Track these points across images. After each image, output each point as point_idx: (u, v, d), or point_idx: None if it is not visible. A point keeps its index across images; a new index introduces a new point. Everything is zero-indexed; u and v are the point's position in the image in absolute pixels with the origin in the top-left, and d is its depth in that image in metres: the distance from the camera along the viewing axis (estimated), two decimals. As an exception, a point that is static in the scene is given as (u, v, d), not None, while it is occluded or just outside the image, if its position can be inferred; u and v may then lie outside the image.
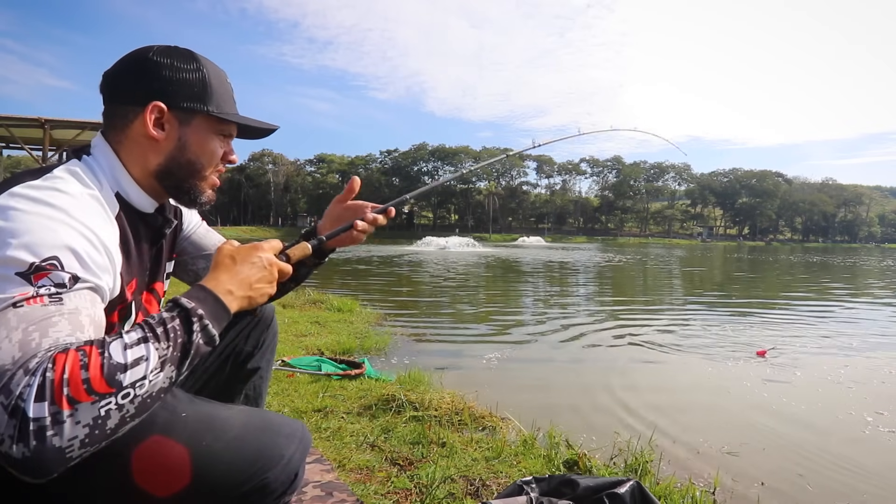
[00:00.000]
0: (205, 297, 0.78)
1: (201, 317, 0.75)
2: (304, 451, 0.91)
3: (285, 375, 3.08)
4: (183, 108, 0.91)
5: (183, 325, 0.73)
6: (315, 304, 6.47)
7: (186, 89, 0.91)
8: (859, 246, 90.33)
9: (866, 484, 2.37)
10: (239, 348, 1.27)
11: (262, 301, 0.87)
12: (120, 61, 0.93)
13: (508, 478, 1.92)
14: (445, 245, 31.93)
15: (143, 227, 0.95)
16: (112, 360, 0.65)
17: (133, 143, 0.91)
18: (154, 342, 0.69)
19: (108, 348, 0.66)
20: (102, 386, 0.64)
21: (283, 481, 0.87)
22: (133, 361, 0.67)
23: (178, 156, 0.92)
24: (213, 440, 0.84)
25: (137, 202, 0.92)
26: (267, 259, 0.87)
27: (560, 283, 12.61)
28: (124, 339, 0.68)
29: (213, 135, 0.96)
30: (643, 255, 30.69)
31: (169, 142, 0.91)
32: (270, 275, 0.87)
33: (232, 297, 0.81)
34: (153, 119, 0.89)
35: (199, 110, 0.92)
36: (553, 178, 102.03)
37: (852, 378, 4.08)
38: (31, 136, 12.39)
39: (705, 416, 3.22)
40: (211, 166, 0.97)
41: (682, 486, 2.04)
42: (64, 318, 0.69)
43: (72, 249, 0.73)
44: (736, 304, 8.92)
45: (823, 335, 5.90)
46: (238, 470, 0.83)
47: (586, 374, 4.14)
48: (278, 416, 0.95)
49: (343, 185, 1.96)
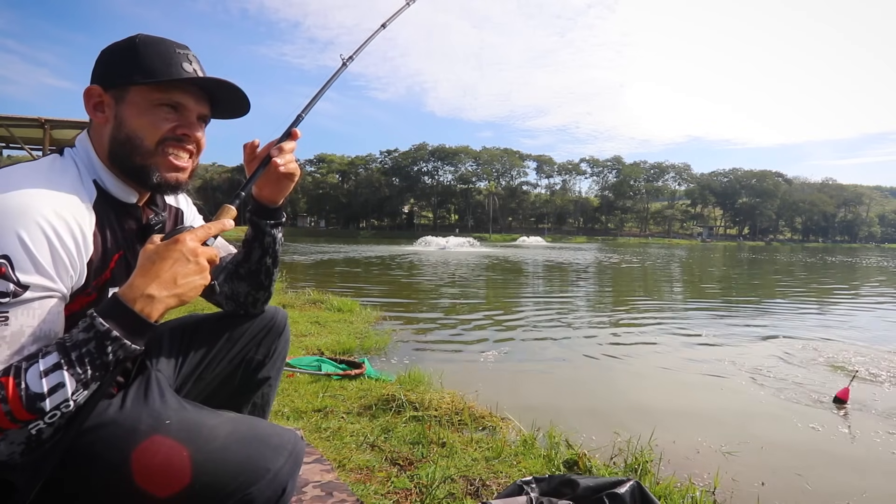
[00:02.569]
0: (121, 311, 0.75)
1: (115, 338, 0.74)
2: (294, 465, 0.87)
3: (285, 375, 3.07)
4: (115, 84, 0.90)
5: (97, 349, 0.73)
6: (315, 304, 6.47)
7: (117, 67, 0.90)
8: (859, 246, 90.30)
9: (866, 483, 2.37)
10: (250, 357, 1.24)
11: (193, 295, 0.82)
12: None
13: (508, 478, 1.92)
14: (445, 245, 31.90)
15: (127, 219, 0.94)
16: (29, 390, 0.69)
17: (94, 132, 0.92)
18: (69, 368, 0.71)
19: (24, 377, 0.69)
20: (24, 415, 0.68)
21: (269, 497, 0.82)
22: (51, 389, 0.70)
23: (117, 134, 0.90)
24: (195, 451, 0.81)
25: (115, 192, 0.92)
26: (189, 250, 0.81)
27: (560, 283, 12.61)
28: (40, 364, 0.70)
29: (153, 106, 0.90)
30: (643, 255, 30.68)
31: (109, 122, 0.91)
32: (197, 265, 0.81)
33: (153, 301, 0.77)
34: (93, 103, 0.90)
35: (129, 82, 0.89)
36: (553, 178, 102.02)
37: (859, 377, 4.07)
38: (31, 136, 12.37)
39: (705, 416, 3.22)
40: (153, 140, 0.91)
41: (682, 486, 2.04)
42: (4, 343, 0.71)
43: (25, 248, 0.73)
44: (736, 304, 8.91)
45: (823, 334, 5.89)
46: (220, 483, 0.80)
47: (586, 373, 4.14)
48: (269, 426, 0.91)
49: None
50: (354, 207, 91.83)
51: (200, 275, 0.82)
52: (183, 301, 0.81)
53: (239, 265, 1.16)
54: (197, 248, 0.82)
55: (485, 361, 4.35)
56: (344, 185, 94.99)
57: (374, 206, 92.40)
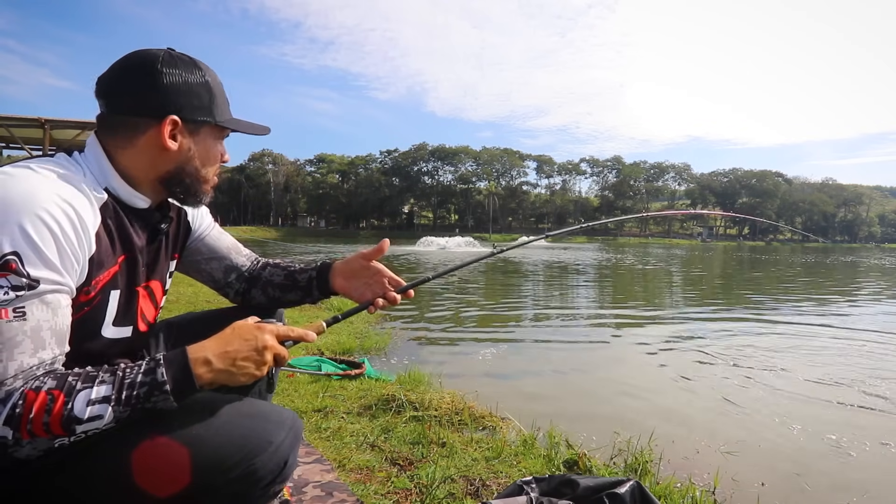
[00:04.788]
0: (180, 367, 0.79)
1: (167, 392, 0.77)
2: (294, 439, 0.90)
3: (285, 375, 3.07)
4: (193, 120, 0.93)
5: (146, 394, 0.77)
6: (315, 304, 6.46)
7: (196, 101, 0.93)
8: (859, 246, 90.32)
9: (865, 482, 2.37)
10: None
11: (243, 380, 0.85)
12: (123, 68, 0.90)
13: (508, 478, 1.91)
14: (445, 245, 31.90)
15: (137, 222, 0.94)
16: (73, 412, 0.72)
17: (140, 152, 0.91)
18: (115, 405, 0.75)
19: (74, 399, 0.73)
20: (58, 430, 0.72)
21: (272, 469, 0.85)
22: (90, 418, 0.73)
23: (186, 164, 0.95)
24: (200, 426, 0.84)
25: (127, 198, 0.92)
26: (262, 341, 0.86)
27: (560, 283, 12.61)
28: (92, 392, 0.74)
29: (216, 141, 0.99)
30: (644, 255, 30.68)
31: (179, 152, 0.93)
32: (259, 356, 0.85)
33: (209, 368, 0.81)
34: (168, 132, 0.90)
35: (208, 122, 0.95)
36: (553, 178, 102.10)
37: (851, 376, 4.07)
38: (32, 137, 12.38)
39: (705, 416, 3.22)
40: (214, 170, 1.01)
41: (682, 486, 2.04)
42: (27, 338, 0.73)
43: (32, 243, 0.73)
44: (735, 303, 8.92)
45: (822, 334, 5.89)
46: (225, 455, 0.82)
47: (586, 373, 4.14)
48: (267, 404, 0.95)
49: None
50: (354, 207, 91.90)
51: (258, 367, 0.86)
52: (231, 381, 0.84)
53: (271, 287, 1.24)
54: (269, 342, 0.87)
55: (485, 361, 4.35)
56: (344, 185, 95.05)
57: (374, 206, 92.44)
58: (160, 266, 1.03)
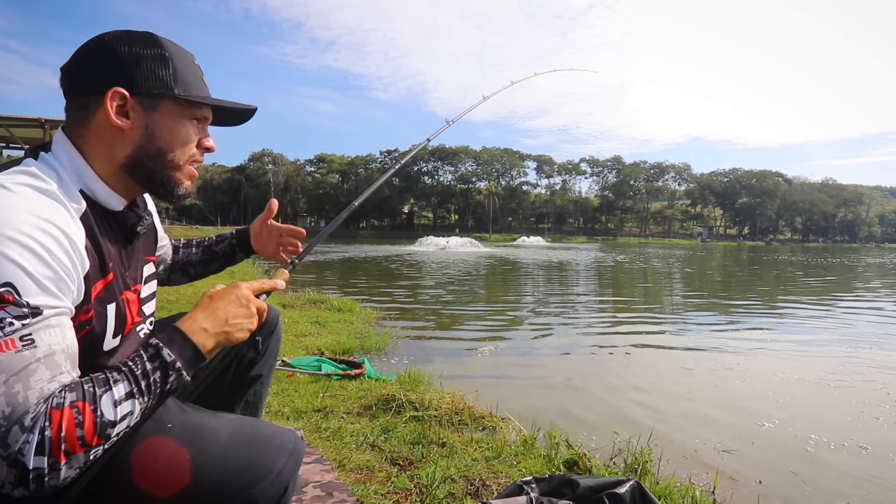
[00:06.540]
0: (182, 343, 0.80)
1: (179, 369, 0.78)
2: (295, 464, 0.88)
3: (285, 375, 3.08)
4: (147, 92, 0.84)
5: (161, 378, 0.77)
6: (315, 304, 6.47)
7: (148, 72, 0.84)
8: (859, 246, 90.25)
9: (863, 481, 2.38)
10: (241, 354, 1.24)
11: (240, 336, 0.88)
12: (76, 52, 0.86)
13: (508, 478, 1.92)
14: (446, 245, 31.90)
15: (114, 226, 0.89)
16: (104, 417, 0.70)
17: (97, 136, 0.84)
18: (139, 397, 0.74)
19: (99, 405, 0.70)
20: (94, 440, 0.70)
21: (272, 496, 0.83)
22: (122, 417, 0.72)
23: (147, 145, 0.86)
24: (197, 453, 0.82)
25: (104, 199, 0.86)
26: (244, 296, 0.90)
27: (560, 283, 12.62)
28: (113, 393, 0.72)
29: (185, 120, 0.90)
30: (644, 255, 30.68)
31: (135, 130, 0.85)
32: (248, 310, 0.89)
33: (207, 335, 0.83)
34: (115, 107, 0.82)
35: (166, 94, 0.86)
36: (553, 178, 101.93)
37: (852, 376, 4.08)
38: (31, 137, 12.40)
39: (704, 416, 3.22)
40: (185, 154, 0.91)
41: (681, 486, 2.04)
42: (41, 365, 0.69)
43: (24, 270, 0.68)
44: (735, 304, 8.92)
45: (822, 334, 5.90)
46: (224, 484, 0.80)
47: (586, 374, 4.14)
48: (269, 426, 0.92)
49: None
50: (354, 207, 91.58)
51: (249, 319, 0.89)
52: (230, 340, 0.87)
53: (191, 266, 1.35)
54: (250, 296, 0.91)
55: (485, 361, 4.35)
56: (344, 185, 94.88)
57: (374, 206, 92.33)
58: (138, 270, 0.98)
